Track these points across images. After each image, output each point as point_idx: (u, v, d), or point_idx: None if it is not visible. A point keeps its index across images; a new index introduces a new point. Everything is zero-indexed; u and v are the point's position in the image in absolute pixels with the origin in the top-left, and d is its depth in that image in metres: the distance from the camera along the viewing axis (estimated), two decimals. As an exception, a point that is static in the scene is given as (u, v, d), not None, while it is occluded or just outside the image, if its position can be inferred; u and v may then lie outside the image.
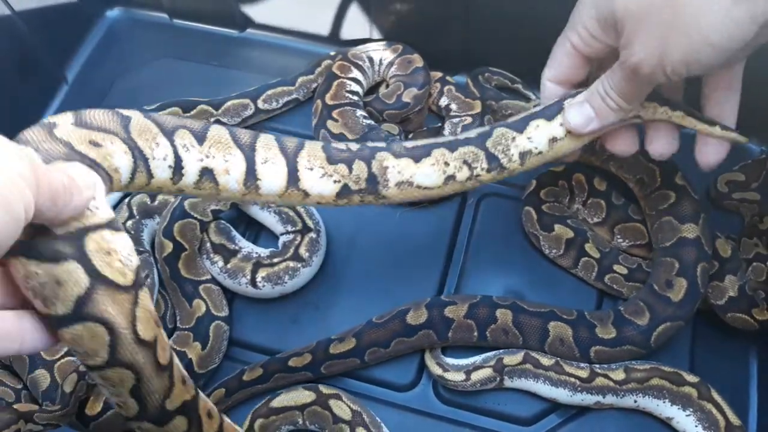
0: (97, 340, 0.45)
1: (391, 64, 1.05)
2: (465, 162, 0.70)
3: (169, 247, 0.88)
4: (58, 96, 1.10)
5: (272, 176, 0.63)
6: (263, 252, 0.90)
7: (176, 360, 0.53)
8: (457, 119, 1.00)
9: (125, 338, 0.46)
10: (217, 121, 1.02)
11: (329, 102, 0.99)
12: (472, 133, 0.70)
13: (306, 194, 0.65)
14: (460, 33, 1.04)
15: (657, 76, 0.58)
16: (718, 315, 0.86)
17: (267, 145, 0.63)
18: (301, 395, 0.81)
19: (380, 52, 1.05)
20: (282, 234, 0.92)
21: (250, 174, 0.62)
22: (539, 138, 0.71)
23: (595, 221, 0.93)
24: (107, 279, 0.45)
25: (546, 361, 0.82)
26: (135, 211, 0.92)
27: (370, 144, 0.68)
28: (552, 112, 0.71)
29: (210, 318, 0.85)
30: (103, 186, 0.52)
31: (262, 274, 0.87)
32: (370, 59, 1.05)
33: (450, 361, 0.85)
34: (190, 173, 0.60)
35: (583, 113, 0.67)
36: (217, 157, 0.60)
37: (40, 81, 1.08)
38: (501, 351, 0.84)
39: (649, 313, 0.81)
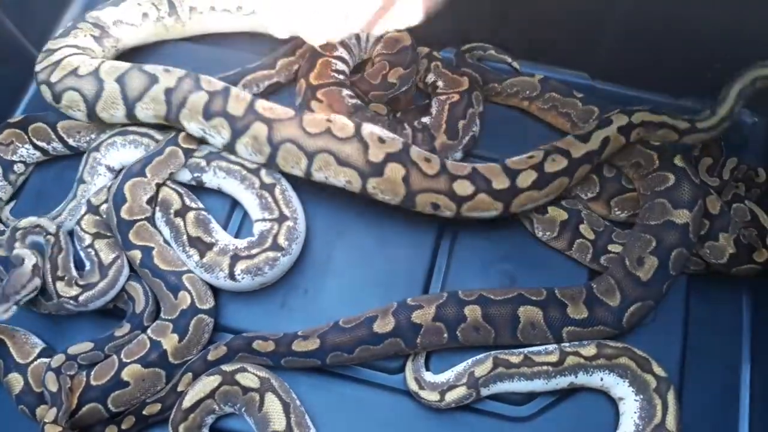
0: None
1: (377, 41, 1.02)
2: None
3: (138, 256, 0.86)
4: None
5: None
6: (240, 243, 0.88)
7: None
8: (444, 96, 0.98)
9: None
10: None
11: (313, 82, 0.96)
12: None
13: None
14: (448, 8, 1.01)
15: None
16: (721, 272, 0.87)
17: None
18: (207, 382, 0.80)
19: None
20: (257, 221, 0.90)
21: None
22: None
23: (590, 196, 0.92)
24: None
25: (515, 358, 0.81)
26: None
27: None
28: None
29: (194, 311, 0.84)
30: None
31: (241, 266, 0.85)
32: (357, 36, 1.02)
33: (428, 377, 0.83)
34: None
35: None
36: None
37: (17, 64, 1.05)
38: (470, 362, 0.82)
39: (620, 293, 0.81)
